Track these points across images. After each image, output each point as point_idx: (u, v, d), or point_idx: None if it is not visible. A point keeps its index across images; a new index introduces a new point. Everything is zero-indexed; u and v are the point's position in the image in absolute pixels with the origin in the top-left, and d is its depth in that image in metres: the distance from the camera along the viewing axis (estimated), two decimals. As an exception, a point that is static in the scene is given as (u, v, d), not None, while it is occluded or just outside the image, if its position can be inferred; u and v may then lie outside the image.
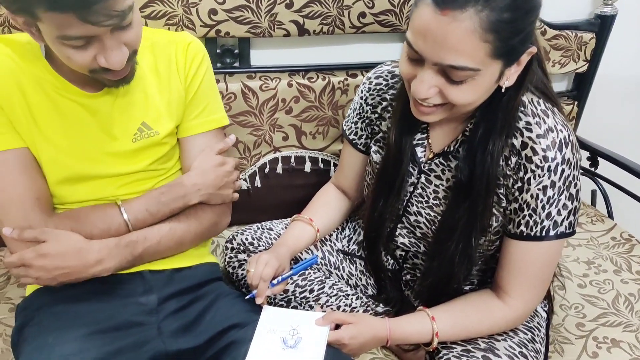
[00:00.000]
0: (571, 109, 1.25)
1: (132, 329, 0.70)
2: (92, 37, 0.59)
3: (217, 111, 0.83)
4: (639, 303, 0.93)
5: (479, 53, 0.56)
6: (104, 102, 0.72)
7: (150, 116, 0.75)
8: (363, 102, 0.83)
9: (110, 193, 0.74)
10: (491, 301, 0.72)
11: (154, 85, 0.76)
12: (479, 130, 0.67)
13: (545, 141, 0.64)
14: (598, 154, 1.24)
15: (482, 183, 0.67)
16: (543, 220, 0.66)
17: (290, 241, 0.81)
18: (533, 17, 0.58)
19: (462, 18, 0.54)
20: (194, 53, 0.79)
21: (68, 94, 0.70)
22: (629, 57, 1.30)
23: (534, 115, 0.66)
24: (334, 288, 0.88)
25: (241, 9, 0.94)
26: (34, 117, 0.69)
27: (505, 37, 0.56)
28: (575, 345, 0.85)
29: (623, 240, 1.11)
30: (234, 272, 0.90)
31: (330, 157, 1.11)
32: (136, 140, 0.74)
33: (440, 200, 0.74)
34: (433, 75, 0.60)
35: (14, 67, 0.68)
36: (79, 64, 0.62)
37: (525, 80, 0.64)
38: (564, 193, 0.66)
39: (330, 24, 1.00)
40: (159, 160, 0.78)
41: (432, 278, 0.76)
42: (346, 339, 0.70)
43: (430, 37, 0.56)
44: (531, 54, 0.61)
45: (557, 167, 0.64)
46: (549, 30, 1.13)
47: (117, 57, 0.62)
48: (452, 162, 0.72)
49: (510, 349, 0.71)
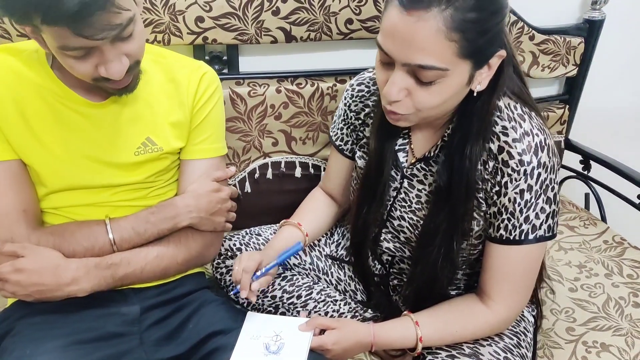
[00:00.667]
0: (562, 112, 1.25)
1: (113, 340, 0.69)
2: (92, 48, 0.60)
3: (221, 141, 0.83)
4: (629, 307, 0.93)
5: (445, 52, 0.57)
6: (108, 112, 0.72)
7: (156, 132, 0.75)
8: (347, 108, 0.83)
9: (104, 199, 0.75)
10: (475, 306, 0.72)
11: (163, 102, 0.76)
12: (457, 135, 0.68)
13: (521, 145, 0.64)
14: (590, 158, 1.24)
15: (461, 188, 0.67)
16: (522, 224, 0.66)
17: (278, 244, 0.81)
18: (499, 18, 0.59)
19: (427, 17, 0.55)
20: (207, 84, 0.79)
21: (71, 103, 0.70)
22: (618, 61, 1.30)
23: (510, 119, 0.66)
24: (322, 294, 0.88)
25: (228, 16, 0.95)
26: (32, 127, 0.69)
27: (471, 37, 0.56)
28: (565, 349, 0.84)
29: (615, 243, 1.11)
30: (222, 278, 0.90)
31: (321, 162, 1.11)
32: (139, 153, 0.74)
33: (422, 205, 0.75)
34: (403, 76, 0.60)
35: (12, 78, 0.68)
36: (80, 73, 0.63)
37: (498, 85, 0.65)
38: (541, 197, 0.66)
39: (317, 31, 1.00)
40: (158, 173, 0.78)
41: (416, 283, 0.76)
42: (329, 344, 0.70)
43: (398, 37, 0.57)
44: (501, 58, 0.62)
45: (533, 171, 0.64)
46: (537, 35, 1.13)
47: (117, 68, 0.62)
48: (433, 167, 0.73)
49: (495, 354, 0.70)
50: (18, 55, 0.70)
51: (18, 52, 0.70)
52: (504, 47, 0.62)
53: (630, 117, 1.40)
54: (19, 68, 0.69)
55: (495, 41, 0.60)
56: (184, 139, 0.78)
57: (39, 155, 0.70)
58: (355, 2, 0.99)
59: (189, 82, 0.78)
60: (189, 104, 0.78)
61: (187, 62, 0.81)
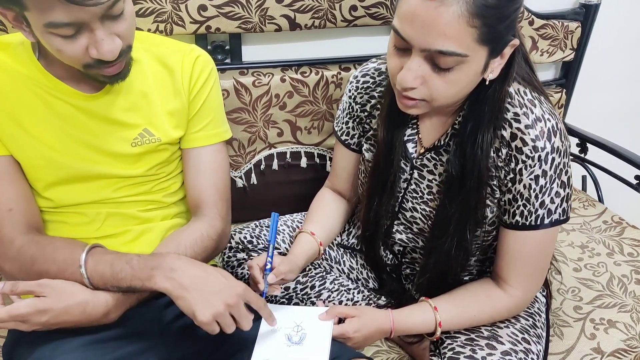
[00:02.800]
0: (560, 96, 1.27)
1: (133, 338, 0.68)
2: (81, 25, 0.57)
3: (222, 125, 0.81)
4: (632, 284, 0.96)
5: (466, 38, 0.56)
6: (101, 103, 0.70)
7: (153, 123, 0.73)
8: (352, 101, 0.82)
9: (106, 196, 0.73)
10: (492, 290, 0.73)
11: (157, 92, 0.74)
12: (468, 123, 0.67)
13: (534, 131, 0.65)
14: (587, 140, 1.27)
15: (473, 176, 0.67)
16: (537, 209, 0.67)
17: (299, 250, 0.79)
18: (517, 4, 0.59)
19: (450, 2, 0.55)
20: (201, 67, 0.76)
21: (62, 95, 0.68)
22: (613, 44, 1.32)
23: (522, 105, 0.66)
24: (335, 283, 0.88)
25: (231, 4, 0.93)
26: (21, 119, 0.66)
27: (491, 23, 0.56)
28: (574, 328, 0.87)
29: (614, 223, 1.14)
30: (233, 272, 0.89)
31: (326, 152, 1.10)
32: (135, 144, 0.72)
33: (434, 195, 0.75)
34: (420, 63, 0.59)
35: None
36: (69, 56, 0.59)
37: (509, 73, 0.65)
38: (555, 181, 0.66)
39: (322, 18, 0.99)
40: (159, 165, 0.76)
41: (429, 273, 0.77)
42: (350, 332, 0.70)
43: (418, 22, 0.57)
44: (514, 47, 0.62)
45: (547, 156, 0.65)
46: (536, 20, 1.14)
47: (109, 46, 0.59)
48: (443, 157, 0.73)
49: (513, 336, 0.72)
50: (5, 48, 0.67)
51: (3, 45, 0.67)
52: (517, 37, 0.62)
53: (624, 100, 1.43)
54: (3, 60, 0.66)
55: (511, 28, 0.60)
56: (182, 128, 0.76)
57: (31, 147, 0.67)
58: (360, -12, 0.98)
59: (183, 67, 0.75)
60: (185, 90, 0.75)
61: (179, 46, 0.77)
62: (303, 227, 0.85)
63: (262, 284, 0.70)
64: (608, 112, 1.41)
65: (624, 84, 1.40)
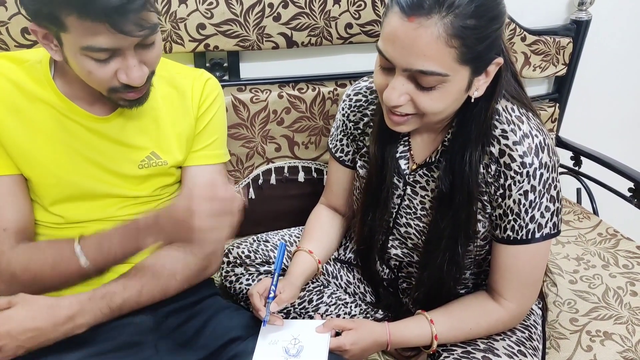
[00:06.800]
0: (553, 111, 1.29)
1: (130, 349, 0.68)
2: (116, 51, 0.59)
3: (223, 147, 0.83)
4: (628, 296, 0.96)
5: (446, 58, 0.58)
6: (112, 126, 0.71)
7: (161, 146, 0.75)
8: (345, 119, 0.83)
9: (111, 214, 0.74)
10: (487, 303, 0.74)
11: (167, 115, 0.75)
12: (457, 140, 0.69)
13: (522, 147, 0.66)
14: (581, 154, 1.28)
15: (463, 192, 0.68)
16: (528, 223, 0.68)
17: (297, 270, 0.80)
18: (497, 24, 0.60)
19: (428, 24, 0.56)
20: (210, 89, 0.79)
21: (74, 115, 0.69)
22: (604, 59, 1.35)
23: (509, 122, 0.67)
24: (333, 297, 0.89)
25: (229, 23, 0.95)
26: (35, 139, 0.68)
27: (469, 44, 0.58)
28: (570, 340, 0.87)
29: (609, 235, 1.15)
30: (231, 287, 0.89)
31: (323, 166, 1.12)
32: (142, 167, 0.73)
33: (427, 210, 0.76)
34: (404, 82, 0.61)
35: (10, 87, 0.67)
36: (99, 78, 0.61)
37: (496, 91, 0.66)
38: (545, 196, 0.67)
39: (318, 36, 1.01)
40: (164, 187, 0.77)
41: (425, 287, 0.78)
42: (347, 345, 0.71)
43: (399, 43, 0.58)
44: (499, 65, 0.63)
45: (536, 171, 0.66)
46: (528, 36, 1.17)
47: (138, 73, 0.62)
48: (435, 173, 0.74)
49: (509, 348, 0.72)
50: (20, 65, 0.69)
51: (20, 61, 0.69)
52: (502, 54, 0.63)
53: (617, 113, 1.45)
54: (21, 78, 0.68)
55: (493, 47, 0.61)
56: (188, 150, 0.78)
57: (42, 166, 0.69)
58: (355, 6, 1.01)
59: (193, 89, 0.78)
60: (194, 109, 0.77)
61: (189, 71, 0.81)
62: (300, 244, 0.86)
63: (263, 312, 0.71)
64: (601, 125, 1.43)
65: (616, 98, 1.42)
